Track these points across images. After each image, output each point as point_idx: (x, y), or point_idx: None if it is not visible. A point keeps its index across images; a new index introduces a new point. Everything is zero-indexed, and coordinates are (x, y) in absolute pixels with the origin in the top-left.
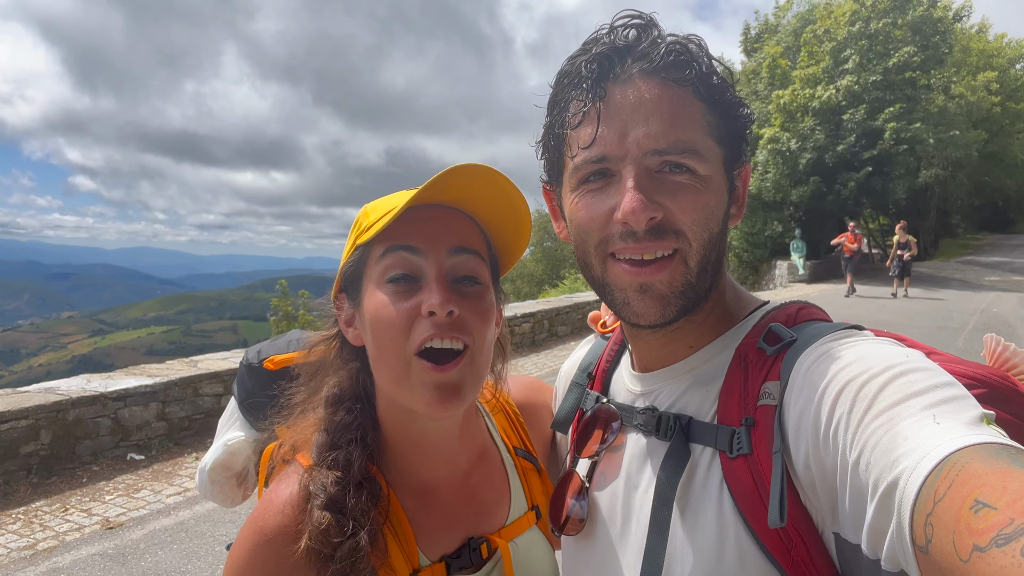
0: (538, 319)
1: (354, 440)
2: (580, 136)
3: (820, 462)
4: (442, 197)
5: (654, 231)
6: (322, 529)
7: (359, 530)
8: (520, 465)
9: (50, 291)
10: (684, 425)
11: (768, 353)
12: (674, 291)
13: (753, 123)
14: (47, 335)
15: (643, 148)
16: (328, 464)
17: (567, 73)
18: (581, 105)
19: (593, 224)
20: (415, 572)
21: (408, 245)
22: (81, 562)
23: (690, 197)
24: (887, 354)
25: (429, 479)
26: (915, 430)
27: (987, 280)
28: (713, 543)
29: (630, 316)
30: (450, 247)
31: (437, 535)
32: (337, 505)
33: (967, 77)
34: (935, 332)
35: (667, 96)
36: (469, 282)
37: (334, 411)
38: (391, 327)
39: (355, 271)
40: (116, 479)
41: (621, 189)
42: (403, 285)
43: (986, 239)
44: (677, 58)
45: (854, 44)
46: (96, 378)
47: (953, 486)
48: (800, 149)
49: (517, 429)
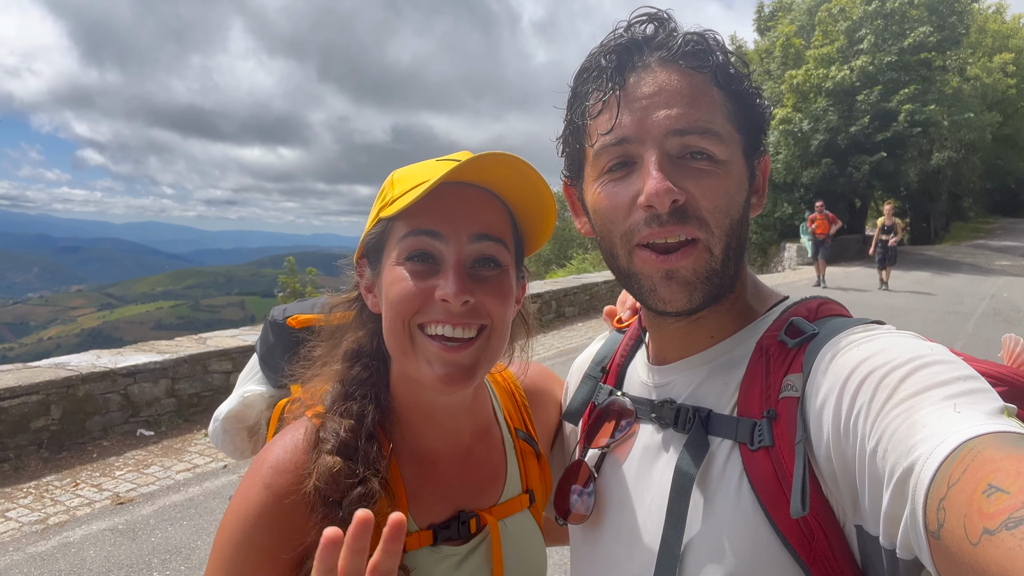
0: (545, 300)
1: (368, 395)
2: (599, 124)
3: (841, 452)
4: (471, 178)
5: (677, 214)
6: (333, 472)
7: (371, 477)
8: (520, 447)
9: (59, 264)
10: (703, 417)
11: (790, 346)
12: (699, 277)
13: (771, 114)
14: (56, 308)
15: (663, 129)
16: (341, 413)
17: (586, 68)
18: (601, 95)
19: (617, 213)
20: None
21: (430, 230)
22: (92, 537)
23: (711, 183)
24: (910, 346)
25: (430, 448)
26: (934, 418)
27: (997, 264)
28: (731, 535)
29: (656, 303)
30: (472, 233)
31: (429, 503)
32: (349, 450)
33: (983, 58)
34: (944, 316)
35: (686, 81)
36: (490, 264)
37: (351, 365)
38: (404, 304)
39: (377, 243)
40: (126, 455)
41: (643, 174)
42: (420, 265)
43: (997, 223)
44: (695, 47)
45: (869, 23)
46: (106, 354)
47: (968, 471)
48: (812, 130)
49: (521, 412)
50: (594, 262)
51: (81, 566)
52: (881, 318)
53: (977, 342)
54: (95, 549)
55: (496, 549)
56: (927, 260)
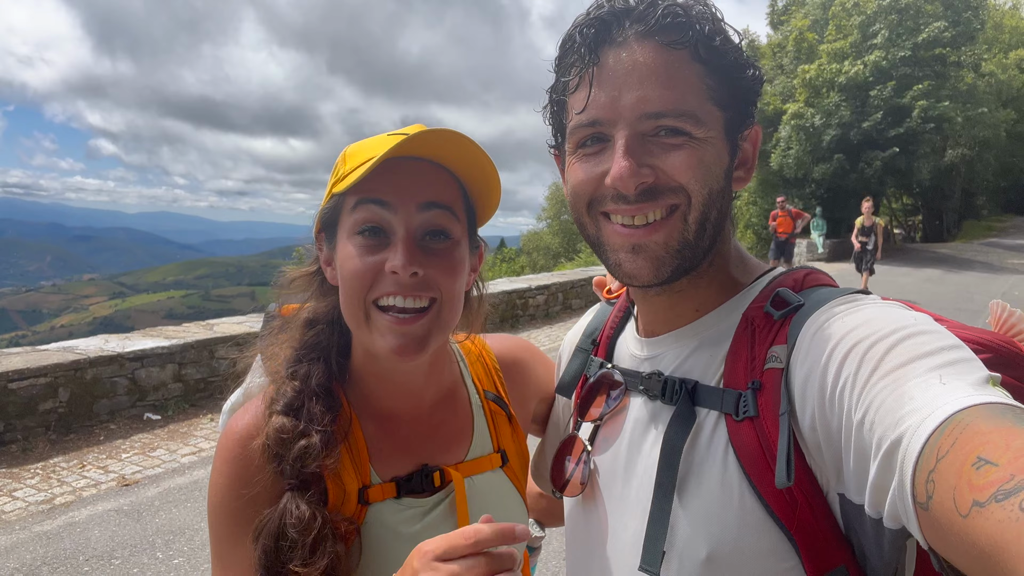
0: (552, 292)
1: (317, 359)
2: (575, 101)
3: (826, 423)
4: (420, 152)
5: (647, 193)
6: (276, 428)
7: (311, 433)
8: (488, 407)
9: (72, 253)
10: (690, 389)
11: (775, 317)
12: (669, 251)
13: (762, 83)
14: (68, 296)
15: (636, 112)
16: (289, 375)
17: (567, 39)
18: (577, 71)
19: (585, 187)
20: (364, 488)
21: (378, 199)
22: (97, 517)
23: (684, 155)
24: (895, 317)
25: (390, 407)
26: (921, 390)
27: (1010, 263)
28: (718, 505)
29: (622, 277)
30: (420, 202)
31: (392, 458)
32: (292, 409)
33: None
34: (954, 314)
35: (662, 59)
36: (439, 237)
37: (304, 332)
38: (356, 278)
39: (331, 217)
40: (132, 438)
41: (613, 154)
42: (371, 239)
43: (1011, 221)
44: (675, 20)
45: (884, 18)
46: (114, 338)
47: (956, 443)
48: (824, 125)
49: (492, 376)
50: None
51: (86, 545)
52: None
53: None
54: (100, 529)
55: (461, 503)
56: (939, 258)
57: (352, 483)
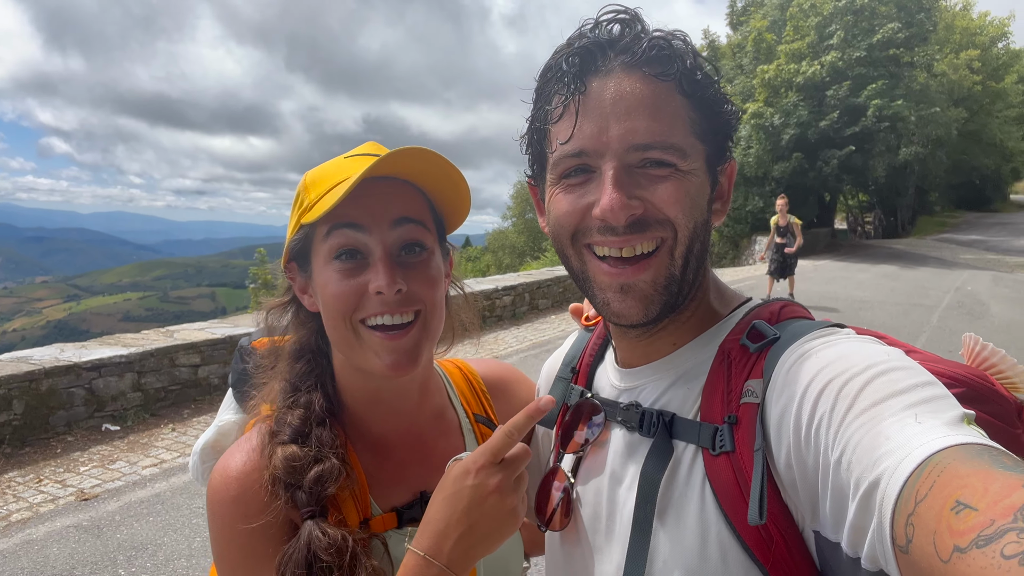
0: (519, 292)
1: (314, 386)
2: (559, 131)
3: (801, 460)
4: (384, 172)
5: (636, 225)
6: (286, 457)
7: (325, 457)
8: (479, 431)
9: (23, 255)
10: (667, 422)
11: (751, 350)
12: (657, 289)
13: (739, 119)
14: (21, 299)
15: (624, 144)
16: (290, 405)
17: (550, 67)
18: (561, 99)
19: (569, 219)
20: (365, 520)
21: (352, 223)
22: (55, 534)
23: (672, 187)
24: (868, 352)
25: (383, 433)
26: (896, 429)
27: (962, 258)
28: (695, 540)
29: (611, 317)
30: (393, 219)
31: (390, 487)
32: (301, 436)
33: (950, 55)
34: (910, 309)
35: (649, 91)
36: (414, 249)
37: (294, 363)
38: (340, 301)
39: (302, 248)
40: (91, 450)
41: (600, 186)
42: (349, 262)
43: (963, 217)
44: (660, 52)
45: (840, 19)
46: (70, 347)
47: (935, 487)
48: (783, 124)
49: (480, 398)
50: None
51: (44, 564)
52: (848, 311)
53: (942, 334)
54: (59, 546)
55: None
56: (894, 253)
57: (352, 516)
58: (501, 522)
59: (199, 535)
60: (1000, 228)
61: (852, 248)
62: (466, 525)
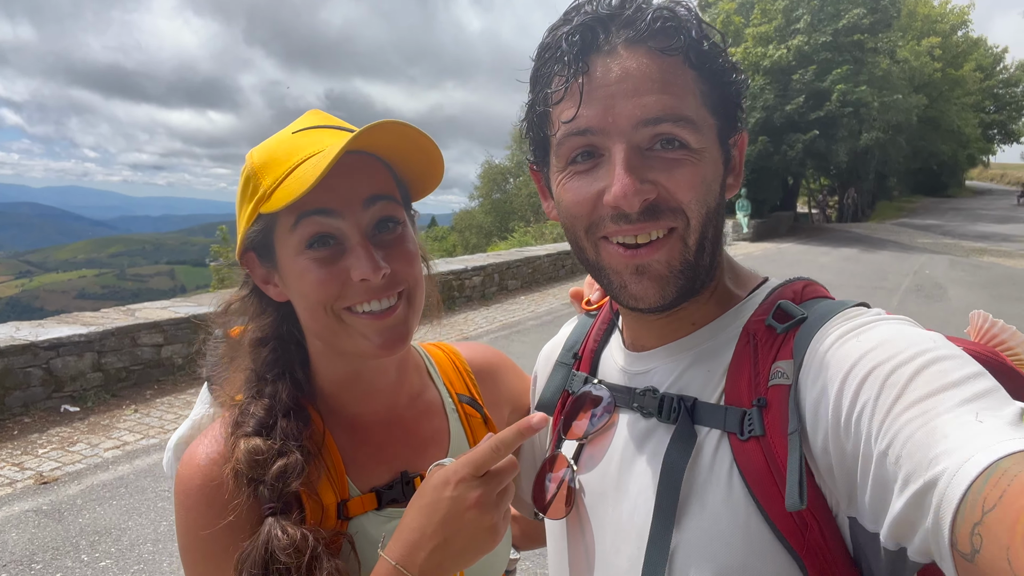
0: (488, 273)
1: (280, 375)
2: (562, 112)
3: (840, 447)
4: (353, 148)
5: (649, 211)
6: (248, 451)
7: (288, 451)
8: (463, 411)
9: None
10: (689, 407)
11: (778, 331)
12: (673, 271)
13: (747, 88)
14: None
15: (632, 120)
16: (255, 395)
17: (548, 46)
18: (562, 80)
19: (581, 208)
20: (343, 502)
21: (321, 209)
22: (14, 519)
23: (687, 172)
24: (913, 338)
25: (360, 414)
26: (954, 427)
27: (920, 242)
28: (723, 528)
29: (628, 300)
30: (364, 199)
31: (369, 467)
32: (265, 428)
33: (912, 42)
34: (871, 292)
35: (655, 66)
36: (389, 225)
37: (258, 352)
38: (321, 290)
39: (263, 239)
40: (49, 431)
41: (610, 170)
42: (324, 250)
43: (920, 202)
44: (664, 24)
45: (806, 3)
46: (25, 326)
47: (1005, 497)
48: (750, 108)
49: (464, 379)
50: (535, 235)
51: (2, 549)
52: None
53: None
54: (17, 531)
55: None
56: (855, 237)
57: (330, 498)
58: (478, 538)
59: (165, 519)
60: (955, 213)
61: (814, 231)
62: (441, 538)
